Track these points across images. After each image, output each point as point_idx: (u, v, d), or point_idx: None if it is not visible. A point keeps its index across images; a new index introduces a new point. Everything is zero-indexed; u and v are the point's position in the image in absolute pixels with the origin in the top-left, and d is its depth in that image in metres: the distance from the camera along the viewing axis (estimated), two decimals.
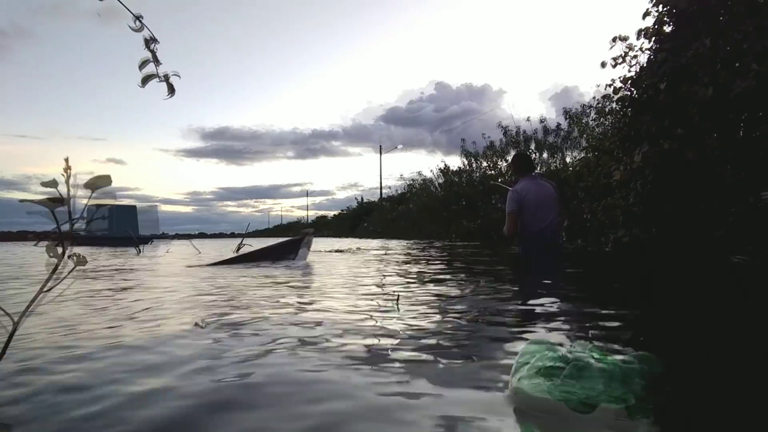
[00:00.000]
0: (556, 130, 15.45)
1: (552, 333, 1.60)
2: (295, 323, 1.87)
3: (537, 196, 4.63)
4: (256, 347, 1.48)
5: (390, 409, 0.97)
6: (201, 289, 3.11)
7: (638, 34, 5.88)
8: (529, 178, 4.79)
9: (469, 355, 1.35)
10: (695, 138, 4.81)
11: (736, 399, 1.03)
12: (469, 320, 1.88)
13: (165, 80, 1.10)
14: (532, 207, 4.60)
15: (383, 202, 37.16)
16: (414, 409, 0.97)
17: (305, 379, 1.17)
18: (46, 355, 1.44)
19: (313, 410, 0.97)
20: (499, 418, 0.91)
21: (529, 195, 4.63)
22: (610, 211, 6.32)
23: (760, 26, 4.34)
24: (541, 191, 4.68)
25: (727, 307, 2.24)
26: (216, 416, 0.95)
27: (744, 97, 4.36)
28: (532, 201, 4.61)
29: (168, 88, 1.11)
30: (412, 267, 4.75)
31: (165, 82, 1.10)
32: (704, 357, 1.37)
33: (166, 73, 1.10)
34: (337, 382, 1.14)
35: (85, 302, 2.61)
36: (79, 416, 0.96)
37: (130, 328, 1.84)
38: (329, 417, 0.93)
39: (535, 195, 4.63)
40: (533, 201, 4.61)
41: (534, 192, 4.64)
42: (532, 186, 4.69)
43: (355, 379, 1.16)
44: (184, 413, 0.97)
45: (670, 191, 5.09)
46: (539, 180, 4.84)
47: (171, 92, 1.11)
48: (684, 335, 1.64)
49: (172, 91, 1.11)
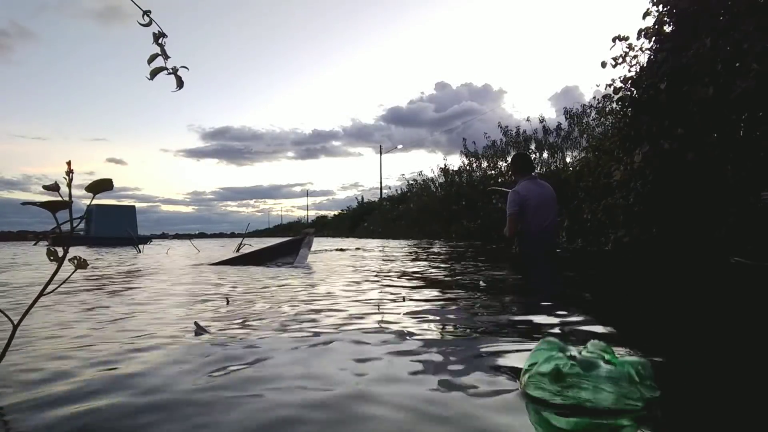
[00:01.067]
0: (557, 130, 15.47)
1: (559, 333, 1.61)
2: (298, 322, 1.88)
3: (538, 196, 4.63)
4: (258, 347, 1.48)
5: (404, 408, 0.98)
6: (203, 289, 3.12)
7: (638, 34, 5.89)
8: (529, 179, 4.78)
9: (478, 355, 1.35)
10: (695, 138, 4.81)
11: (743, 400, 1.04)
12: (476, 319, 1.89)
13: (174, 73, 1.12)
14: (533, 208, 4.59)
15: (384, 202, 37.15)
16: (423, 409, 0.97)
17: (312, 374, 1.18)
18: (45, 354, 1.45)
19: (321, 413, 0.96)
20: (509, 418, 0.91)
21: (530, 196, 4.62)
22: (610, 211, 6.33)
23: (760, 26, 4.35)
24: (542, 192, 4.68)
25: (727, 308, 2.25)
26: (218, 416, 0.96)
27: (744, 97, 4.37)
28: (534, 202, 4.60)
29: (177, 82, 1.12)
30: (413, 267, 4.76)
31: (174, 75, 1.12)
32: (710, 358, 1.38)
33: (174, 66, 1.11)
34: (344, 383, 1.14)
35: (84, 300, 2.62)
36: (82, 412, 0.97)
37: (132, 328, 1.85)
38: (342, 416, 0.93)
39: (537, 195, 4.63)
40: (534, 202, 4.61)
41: (535, 193, 4.64)
42: (533, 186, 4.69)
43: (359, 379, 1.16)
44: (186, 412, 0.97)
45: (670, 191, 5.10)
46: (539, 180, 4.85)
47: (179, 85, 1.13)
48: (688, 336, 1.65)
49: (180, 85, 1.13)
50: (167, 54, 1.10)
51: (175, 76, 1.11)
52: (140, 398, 1.00)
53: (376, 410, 0.93)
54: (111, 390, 1.05)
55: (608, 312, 2.07)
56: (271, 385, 1.08)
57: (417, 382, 1.10)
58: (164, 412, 0.93)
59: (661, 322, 1.87)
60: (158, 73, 1.11)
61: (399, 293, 2.57)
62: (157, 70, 1.11)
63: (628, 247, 5.67)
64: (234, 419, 0.89)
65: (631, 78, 5.93)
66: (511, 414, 0.92)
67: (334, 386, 1.05)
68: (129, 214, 23.72)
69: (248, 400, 0.99)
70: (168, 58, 1.10)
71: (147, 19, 1.08)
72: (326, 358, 1.30)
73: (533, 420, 0.90)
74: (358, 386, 1.06)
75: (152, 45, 1.15)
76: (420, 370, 1.18)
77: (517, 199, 4.66)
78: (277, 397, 1.00)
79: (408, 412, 0.92)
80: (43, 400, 1.00)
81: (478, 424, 0.87)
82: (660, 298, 2.54)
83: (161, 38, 1.09)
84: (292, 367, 1.22)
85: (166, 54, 1.10)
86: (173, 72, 1.11)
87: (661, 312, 2.09)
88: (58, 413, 0.92)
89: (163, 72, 1.11)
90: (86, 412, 0.93)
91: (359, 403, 0.96)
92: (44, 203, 1.00)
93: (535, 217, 4.58)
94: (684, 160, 4.83)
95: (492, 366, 1.23)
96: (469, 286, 3.02)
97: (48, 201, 0.98)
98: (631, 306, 2.28)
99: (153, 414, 0.92)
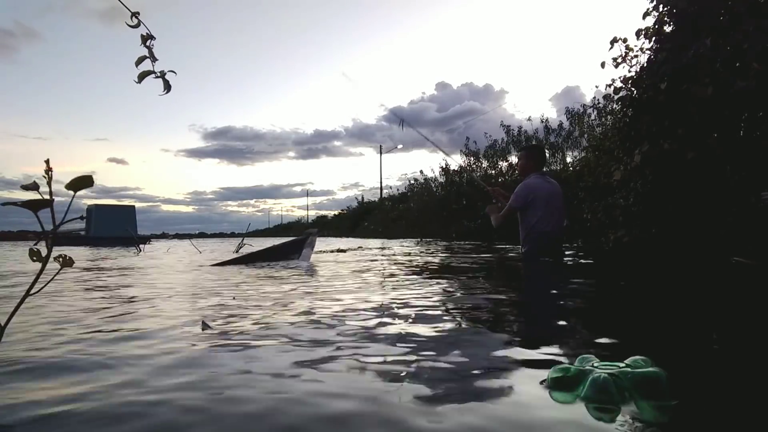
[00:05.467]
0: (557, 130, 15.49)
1: (560, 340, 1.59)
2: (302, 322, 1.87)
3: (548, 193, 4.46)
4: (262, 346, 1.47)
5: (411, 414, 0.97)
6: (205, 289, 3.11)
7: (637, 34, 5.88)
8: (539, 175, 4.59)
9: (488, 355, 1.34)
10: (695, 138, 4.80)
11: (742, 400, 1.03)
12: (479, 321, 1.88)
13: (161, 77, 1.11)
14: (543, 205, 4.39)
15: (385, 202, 37.18)
16: (433, 411, 0.96)
17: (319, 377, 1.16)
18: (42, 352, 1.44)
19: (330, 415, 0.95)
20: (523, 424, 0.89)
21: (540, 192, 4.42)
22: (610, 211, 6.32)
23: (760, 26, 4.33)
24: (552, 190, 4.52)
25: (727, 308, 2.24)
26: (219, 414, 0.95)
27: (744, 97, 4.36)
28: (543, 199, 4.40)
29: (164, 85, 1.11)
30: (414, 266, 4.74)
31: (161, 78, 1.10)
32: (709, 358, 1.36)
33: (162, 70, 1.10)
34: (352, 383, 1.13)
35: (85, 297, 2.61)
36: (86, 410, 0.96)
37: (134, 328, 1.84)
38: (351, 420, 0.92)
39: (547, 193, 4.45)
40: (544, 199, 4.41)
41: (546, 190, 4.46)
42: (544, 183, 4.52)
43: (369, 376, 1.15)
44: (187, 411, 0.96)
45: (670, 191, 5.09)
46: (549, 178, 4.69)
47: (167, 89, 1.11)
48: (692, 338, 1.63)
49: (167, 88, 1.11)
50: (155, 57, 1.09)
51: (162, 79, 1.10)
52: (133, 397, 0.99)
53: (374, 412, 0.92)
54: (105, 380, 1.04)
55: (606, 317, 2.05)
56: (281, 386, 1.07)
57: (420, 397, 1.08)
58: (164, 409, 0.92)
59: (660, 323, 1.86)
60: (146, 77, 1.10)
61: (401, 295, 2.56)
62: (144, 73, 1.10)
63: (628, 247, 5.65)
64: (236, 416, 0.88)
65: (631, 78, 5.92)
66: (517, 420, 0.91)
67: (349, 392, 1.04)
68: (129, 214, 23.75)
69: (249, 398, 0.98)
70: (156, 60, 1.09)
71: (135, 21, 1.07)
72: (322, 362, 1.28)
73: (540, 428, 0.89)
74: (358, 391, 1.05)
75: (146, 47, 1.14)
76: (419, 376, 1.17)
77: (525, 193, 4.39)
78: (283, 398, 0.99)
79: (412, 419, 0.91)
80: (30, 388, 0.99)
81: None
82: (660, 298, 2.53)
83: (149, 40, 1.08)
84: (293, 368, 1.21)
85: (154, 56, 1.09)
86: (161, 76, 1.10)
87: (661, 313, 2.08)
88: (38, 408, 0.91)
89: (150, 75, 1.10)
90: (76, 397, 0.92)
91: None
92: (25, 202, 0.99)
93: (543, 215, 4.40)
94: (684, 160, 4.82)
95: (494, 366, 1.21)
96: (468, 284, 3.01)
97: (29, 200, 0.97)
98: (630, 307, 2.26)
99: (149, 407, 0.91)
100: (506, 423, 0.87)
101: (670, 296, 2.62)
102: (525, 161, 4.69)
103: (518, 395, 1.01)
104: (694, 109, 4.76)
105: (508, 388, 1.06)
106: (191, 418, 0.93)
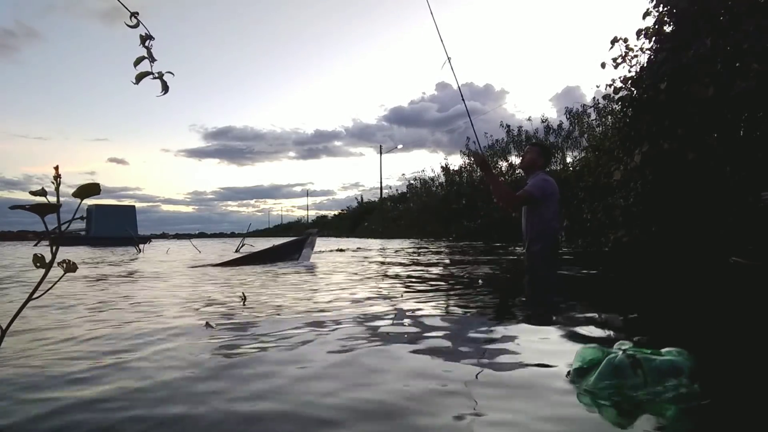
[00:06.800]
0: (558, 130, 15.50)
1: (579, 331, 1.59)
2: (304, 321, 1.87)
3: (558, 192, 4.49)
4: (265, 346, 1.47)
5: (428, 399, 0.97)
6: (207, 289, 3.11)
7: (637, 34, 5.88)
8: (545, 174, 4.58)
9: (499, 352, 1.34)
10: (695, 138, 4.80)
11: (743, 400, 1.02)
12: (487, 318, 1.88)
13: (159, 77, 1.10)
14: (554, 204, 4.40)
15: (384, 202, 37.20)
16: (442, 406, 0.96)
17: (325, 374, 1.16)
18: (41, 354, 1.44)
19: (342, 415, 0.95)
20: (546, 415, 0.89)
21: (555, 189, 4.41)
22: (610, 211, 6.32)
23: (760, 26, 4.33)
24: (556, 189, 4.54)
25: (727, 309, 2.23)
26: (223, 414, 0.95)
27: (744, 97, 4.36)
28: (556, 196, 4.42)
29: (162, 86, 1.11)
30: (415, 266, 4.74)
31: (159, 79, 1.10)
32: (735, 353, 1.36)
33: (159, 71, 1.10)
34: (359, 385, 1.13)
35: (90, 300, 2.61)
36: (90, 407, 0.96)
37: (136, 328, 1.84)
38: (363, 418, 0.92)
39: (557, 191, 4.48)
40: (556, 196, 4.42)
41: (557, 188, 4.48)
42: (554, 182, 4.52)
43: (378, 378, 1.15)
44: (191, 411, 0.96)
45: (670, 191, 5.09)
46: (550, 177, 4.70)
47: (164, 90, 1.11)
48: (705, 332, 1.63)
49: (165, 89, 1.11)
50: (153, 57, 1.09)
51: (160, 80, 1.10)
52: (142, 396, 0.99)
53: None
54: (111, 379, 1.04)
55: (623, 310, 2.05)
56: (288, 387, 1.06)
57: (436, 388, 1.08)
58: (164, 406, 0.92)
59: (660, 324, 1.86)
60: (144, 77, 1.10)
61: (401, 293, 2.56)
62: (142, 74, 1.09)
63: (628, 247, 5.66)
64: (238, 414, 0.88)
65: (631, 78, 5.93)
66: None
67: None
68: (129, 214, 23.74)
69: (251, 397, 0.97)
70: (155, 61, 1.09)
71: (134, 21, 1.07)
72: (328, 359, 1.28)
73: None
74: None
75: (145, 47, 1.14)
76: (429, 375, 1.17)
77: (547, 187, 4.33)
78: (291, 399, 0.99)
79: (429, 403, 0.91)
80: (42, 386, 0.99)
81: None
82: (659, 298, 2.53)
83: (148, 41, 1.07)
84: (295, 368, 1.20)
85: (153, 57, 1.09)
86: (159, 77, 1.10)
87: (661, 314, 2.08)
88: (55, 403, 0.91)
89: (148, 76, 1.10)
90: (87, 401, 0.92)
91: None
92: (33, 207, 0.99)
93: (554, 214, 4.40)
94: (684, 160, 4.82)
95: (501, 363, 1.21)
96: (470, 283, 3.00)
97: (36, 204, 0.97)
98: (629, 307, 2.26)
99: (151, 405, 0.91)
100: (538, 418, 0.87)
101: (669, 296, 2.62)
102: (536, 156, 4.58)
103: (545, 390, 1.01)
104: (694, 110, 4.76)
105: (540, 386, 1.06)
106: (198, 417, 0.93)
